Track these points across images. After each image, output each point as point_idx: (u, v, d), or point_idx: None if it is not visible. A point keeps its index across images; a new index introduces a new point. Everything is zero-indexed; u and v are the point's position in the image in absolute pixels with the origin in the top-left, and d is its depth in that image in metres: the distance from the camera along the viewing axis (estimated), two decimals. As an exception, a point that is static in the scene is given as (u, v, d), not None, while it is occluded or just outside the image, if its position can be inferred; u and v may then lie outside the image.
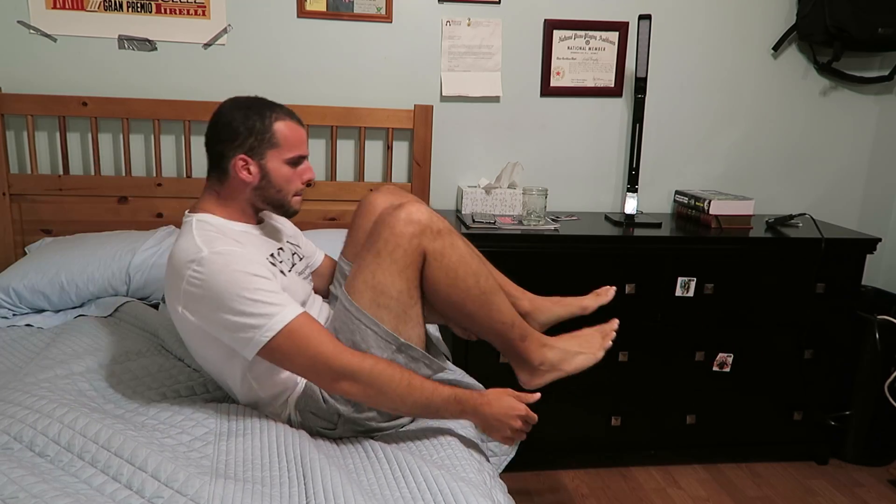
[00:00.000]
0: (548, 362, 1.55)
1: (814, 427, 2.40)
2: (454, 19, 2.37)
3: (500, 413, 1.37)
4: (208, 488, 1.13)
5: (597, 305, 1.73)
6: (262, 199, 1.49)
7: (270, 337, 1.29)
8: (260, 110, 1.45)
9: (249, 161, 1.44)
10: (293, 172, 1.49)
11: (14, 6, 2.18)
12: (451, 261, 1.42)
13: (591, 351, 1.58)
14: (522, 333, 1.53)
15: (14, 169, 2.26)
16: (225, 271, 1.30)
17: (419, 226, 1.39)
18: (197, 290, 1.32)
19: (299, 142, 1.48)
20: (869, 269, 2.49)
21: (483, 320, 1.49)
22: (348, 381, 1.32)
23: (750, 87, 2.58)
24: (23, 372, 1.52)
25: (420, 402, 1.35)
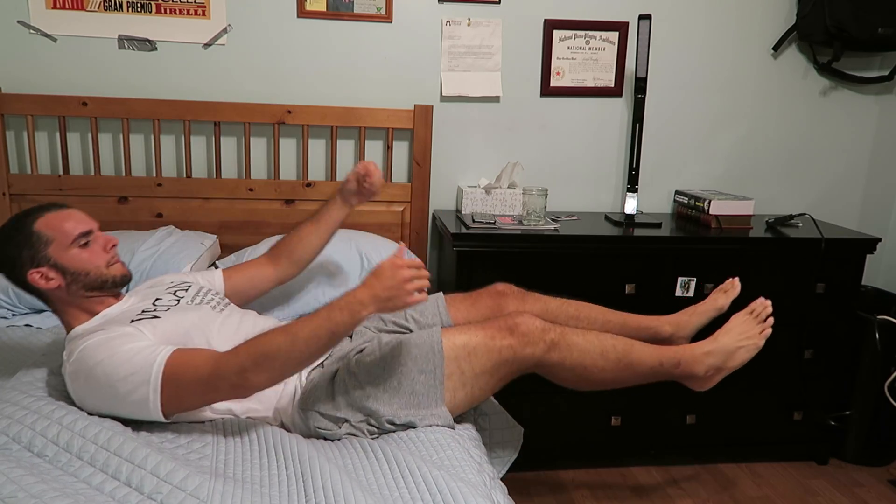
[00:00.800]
0: (712, 368, 1.58)
1: (814, 427, 2.40)
2: (454, 19, 2.37)
3: (383, 281, 1.28)
4: (208, 485, 1.13)
5: (730, 301, 1.78)
6: (84, 290, 1.45)
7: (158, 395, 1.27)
8: (16, 226, 1.43)
9: (41, 270, 1.41)
10: (88, 251, 1.45)
11: (14, 6, 2.18)
12: (572, 361, 1.47)
13: (752, 341, 1.61)
14: (674, 362, 1.56)
15: (14, 169, 2.26)
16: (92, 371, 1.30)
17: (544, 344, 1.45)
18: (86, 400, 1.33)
19: (71, 225, 1.44)
20: (869, 269, 2.50)
21: (632, 378, 1.54)
22: (246, 375, 1.27)
23: (750, 87, 2.58)
24: (21, 372, 1.52)
25: (309, 337, 1.27)
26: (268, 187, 2.32)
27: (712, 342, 1.60)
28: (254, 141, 2.35)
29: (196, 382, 1.28)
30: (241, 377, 1.27)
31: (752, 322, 1.63)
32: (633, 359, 1.51)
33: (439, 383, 1.42)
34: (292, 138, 2.37)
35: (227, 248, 2.27)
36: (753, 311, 1.65)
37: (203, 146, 2.34)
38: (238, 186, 2.30)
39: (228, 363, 1.28)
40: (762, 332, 1.61)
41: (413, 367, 1.41)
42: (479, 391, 1.47)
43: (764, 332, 1.61)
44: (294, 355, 1.28)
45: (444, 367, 1.41)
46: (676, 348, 1.59)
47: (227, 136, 2.34)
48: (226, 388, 1.29)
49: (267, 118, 2.27)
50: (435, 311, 1.68)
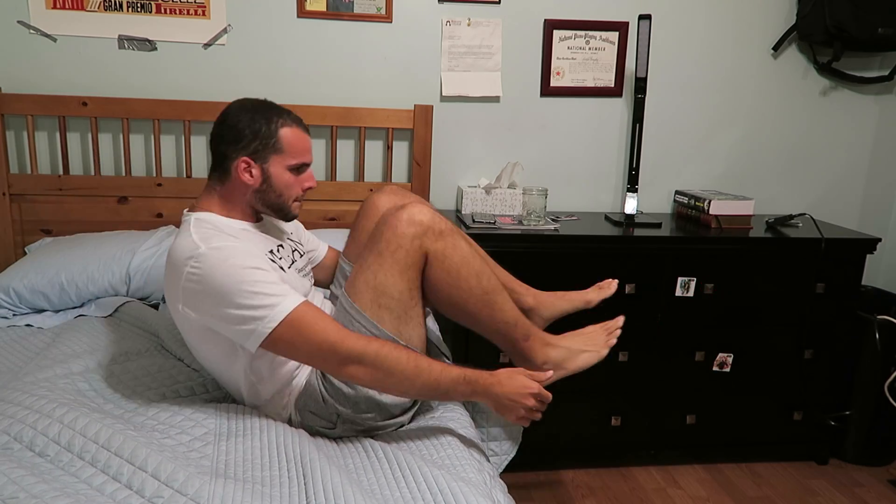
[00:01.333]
0: (551, 361, 1.54)
1: (814, 427, 2.40)
2: (454, 19, 2.37)
3: (512, 392, 1.35)
4: (208, 488, 1.13)
5: (600, 298, 1.73)
6: (261, 203, 1.49)
7: (273, 327, 1.29)
8: (267, 114, 1.44)
9: (252, 164, 1.43)
10: (295, 179, 1.48)
11: (14, 6, 2.18)
12: (452, 261, 1.42)
13: (596, 348, 1.58)
14: (525, 333, 1.52)
15: (14, 169, 2.26)
16: (223, 266, 1.30)
17: (421, 227, 1.40)
18: (196, 286, 1.31)
19: (303, 149, 1.48)
20: (869, 269, 2.49)
21: (485, 320, 1.49)
22: (355, 365, 1.31)
23: (750, 87, 2.58)
24: (22, 372, 1.52)
25: (429, 383, 1.33)
26: (268, 187, 2.32)
27: (560, 338, 1.57)
28: (254, 141, 2.35)
29: (311, 342, 1.30)
30: (354, 363, 1.30)
31: (602, 332, 1.61)
32: (498, 299, 1.47)
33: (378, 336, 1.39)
34: (292, 138, 2.36)
35: (227, 248, 2.27)
36: (607, 324, 1.63)
37: (203, 146, 2.33)
38: (238, 186, 2.30)
39: (354, 345, 1.30)
40: (606, 343, 1.59)
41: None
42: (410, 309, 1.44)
43: (609, 342, 1.59)
44: (403, 385, 1.33)
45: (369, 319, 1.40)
46: (532, 324, 1.57)
47: (227, 136, 2.34)
48: (334, 362, 1.31)
49: (267, 118, 2.27)
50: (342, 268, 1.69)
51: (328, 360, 1.32)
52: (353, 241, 1.70)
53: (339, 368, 1.32)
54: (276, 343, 1.31)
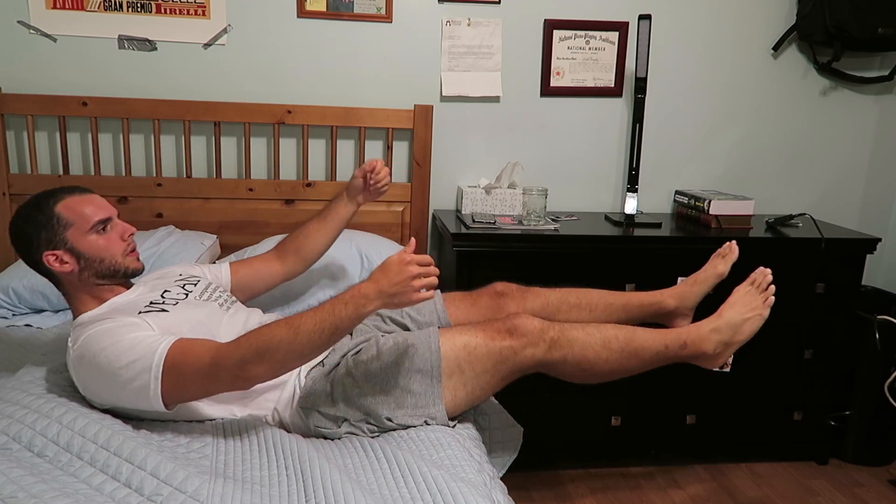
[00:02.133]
0: (721, 343, 1.56)
1: (814, 427, 2.40)
2: (454, 19, 2.37)
3: (390, 276, 1.26)
4: (208, 486, 1.13)
5: (729, 266, 1.78)
6: (96, 277, 1.45)
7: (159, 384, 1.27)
8: (37, 206, 1.42)
9: (56, 253, 1.41)
10: (106, 238, 1.45)
11: (14, 6, 2.18)
12: (574, 356, 1.46)
13: (757, 311, 1.58)
14: (680, 343, 1.54)
15: (14, 169, 2.26)
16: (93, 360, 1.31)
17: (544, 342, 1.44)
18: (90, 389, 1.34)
19: (91, 211, 1.44)
20: (869, 269, 2.49)
21: (639, 365, 1.53)
22: (247, 367, 1.26)
23: (750, 87, 2.58)
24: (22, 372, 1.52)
25: (313, 331, 1.25)
26: (268, 187, 2.32)
27: (717, 318, 1.58)
28: (254, 141, 2.35)
29: (197, 372, 1.28)
30: (242, 368, 1.26)
31: (754, 293, 1.61)
32: (636, 345, 1.50)
33: (436, 383, 1.41)
34: (292, 138, 2.37)
35: (227, 248, 2.27)
36: (754, 281, 1.63)
37: (203, 146, 2.34)
38: (238, 186, 2.30)
39: (230, 354, 1.27)
40: (766, 302, 1.58)
41: (410, 367, 1.41)
42: (479, 391, 1.47)
43: (767, 300, 1.58)
44: (296, 348, 1.26)
45: (440, 367, 1.41)
46: (680, 329, 1.58)
47: (227, 136, 2.34)
48: (227, 378, 1.28)
49: (267, 118, 2.27)
50: (433, 310, 1.68)
51: (223, 379, 1.28)
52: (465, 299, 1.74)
53: (238, 380, 1.28)
54: (171, 392, 1.29)
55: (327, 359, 1.50)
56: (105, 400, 1.34)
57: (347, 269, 2.06)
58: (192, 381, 1.29)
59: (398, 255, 1.28)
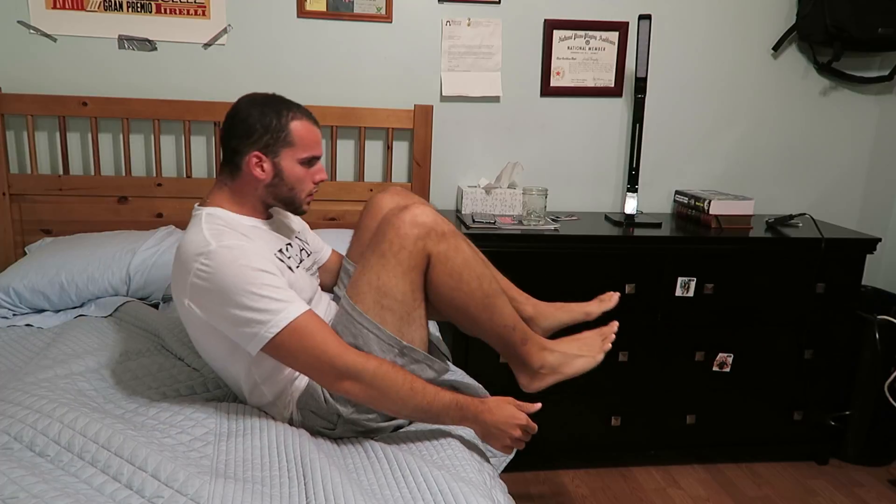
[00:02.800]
0: (548, 366, 1.55)
1: (814, 427, 2.40)
2: (454, 19, 2.37)
3: (500, 422, 1.38)
4: (208, 488, 1.13)
5: (600, 311, 1.73)
6: (273, 197, 1.49)
7: (275, 333, 1.29)
8: (277, 108, 1.44)
9: (263, 158, 1.43)
10: (306, 172, 1.49)
11: (14, 6, 2.18)
12: (455, 264, 1.42)
13: (591, 354, 1.58)
14: (523, 337, 1.53)
15: (14, 169, 2.26)
16: (232, 265, 1.30)
17: (424, 228, 1.40)
18: (204, 284, 1.31)
19: (314, 142, 1.48)
20: (869, 269, 2.49)
21: (485, 323, 1.49)
22: (351, 381, 1.32)
23: (750, 87, 2.58)
24: (22, 372, 1.52)
25: (421, 406, 1.35)
26: (268, 187, 2.32)
27: (557, 343, 1.58)
28: (254, 141, 2.35)
29: (311, 353, 1.30)
30: (349, 380, 1.32)
31: (597, 337, 1.62)
32: (498, 303, 1.48)
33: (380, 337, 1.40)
34: (292, 138, 2.36)
35: (227, 248, 2.27)
36: (602, 330, 1.64)
37: (203, 146, 2.34)
38: (238, 186, 2.30)
39: (352, 362, 1.31)
40: (601, 348, 1.59)
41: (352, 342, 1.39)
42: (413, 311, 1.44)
43: (604, 346, 1.60)
44: (396, 406, 1.35)
45: (371, 321, 1.40)
46: (530, 330, 1.57)
47: (227, 136, 2.34)
48: (330, 376, 1.32)
49: (267, 118, 2.27)
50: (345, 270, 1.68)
51: (325, 372, 1.32)
52: (356, 241, 1.70)
53: (335, 382, 1.33)
54: (276, 349, 1.32)
55: None
56: (199, 303, 1.33)
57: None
58: (302, 356, 1.31)
59: (519, 415, 1.40)
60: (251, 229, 1.45)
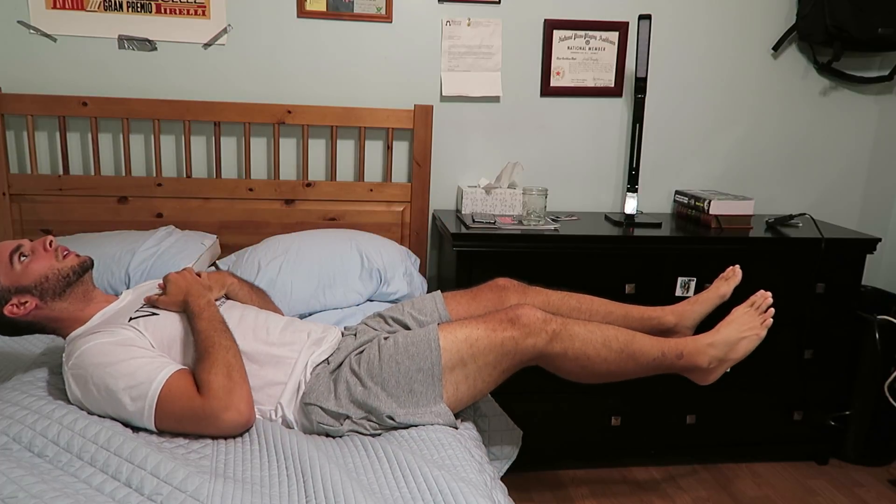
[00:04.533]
0: (715, 359, 1.58)
1: (814, 427, 2.40)
2: (454, 19, 2.37)
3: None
4: (208, 485, 1.13)
5: (731, 288, 1.79)
6: (59, 298, 1.45)
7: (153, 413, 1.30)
8: None
9: (10, 301, 1.41)
10: (33, 260, 1.43)
11: (14, 6, 2.18)
12: (575, 351, 1.46)
13: (754, 331, 1.61)
14: (676, 353, 1.55)
15: (14, 169, 2.26)
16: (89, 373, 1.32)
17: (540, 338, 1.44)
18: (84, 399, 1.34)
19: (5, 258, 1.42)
20: (869, 269, 2.50)
21: (636, 371, 1.53)
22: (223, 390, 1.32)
23: (750, 87, 2.58)
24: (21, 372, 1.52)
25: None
26: (268, 187, 2.32)
27: (715, 333, 1.60)
28: (254, 141, 2.35)
29: (188, 410, 1.30)
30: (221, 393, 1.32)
31: (753, 313, 1.63)
32: (635, 349, 1.50)
33: (437, 380, 1.41)
34: (292, 138, 2.37)
35: (227, 248, 2.27)
36: (754, 303, 1.65)
37: (203, 146, 2.34)
38: (238, 186, 2.30)
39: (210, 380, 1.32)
40: (763, 323, 1.61)
41: (411, 365, 1.41)
42: (482, 384, 1.47)
43: (765, 322, 1.61)
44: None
45: (441, 364, 1.41)
46: (679, 340, 1.59)
47: (227, 136, 2.34)
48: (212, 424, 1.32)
49: (267, 118, 2.27)
50: (433, 309, 1.68)
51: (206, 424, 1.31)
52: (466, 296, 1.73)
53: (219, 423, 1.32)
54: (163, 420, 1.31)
55: (332, 357, 1.50)
56: (101, 411, 1.34)
57: (347, 269, 2.06)
58: (181, 417, 1.31)
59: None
60: (99, 324, 1.45)
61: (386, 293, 2.09)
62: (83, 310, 1.48)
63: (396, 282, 2.10)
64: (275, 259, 2.04)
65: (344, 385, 1.43)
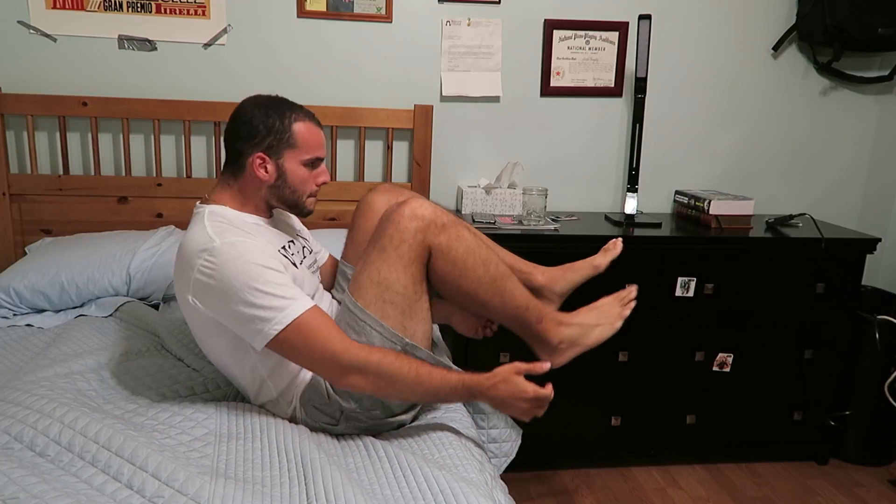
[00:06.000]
0: (566, 340, 1.55)
1: (814, 427, 2.40)
2: (454, 19, 2.37)
3: (507, 396, 1.36)
4: (209, 487, 1.13)
5: (608, 261, 1.75)
6: (276, 198, 1.49)
7: (280, 329, 1.29)
8: (280, 110, 1.45)
9: (267, 160, 1.44)
10: (309, 174, 1.49)
11: (14, 6, 2.18)
12: (458, 253, 1.43)
13: (609, 321, 1.58)
14: (538, 315, 1.53)
15: (14, 169, 2.26)
16: (236, 262, 1.30)
17: (423, 221, 1.40)
18: (208, 280, 1.32)
19: (317, 144, 1.48)
20: (869, 269, 2.49)
21: (497, 307, 1.50)
22: (356, 375, 1.32)
23: (750, 87, 2.58)
24: (23, 372, 1.52)
25: (429, 391, 1.35)
26: (268, 187, 2.32)
27: (574, 315, 1.58)
28: (254, 141, 2.35)
29: (315, 349, 1.31)
30: (355, 374, 1.32)
31: (615, 304, 1.62)
32: (507, 285, 1.48)
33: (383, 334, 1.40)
34: (292, 138, 2.36)
35: (228, 248, 2.27)
36: (619, 295, 1.63)
37: (203, 146, 2.34)
38: (238, 186, 2.30)
39: (356, 356, 1.31)
40: (620, 315, 1.59)
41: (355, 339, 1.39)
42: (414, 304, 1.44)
43: (622, 314, 1.59)
44: (404, 393, 1.36)
45: (373, 317, 1.40)
46: (545, 305, 1.57)
47: (227, 136, 2.34)
48: (335, 371, 1.32)
49: (267, 118, 2.27)
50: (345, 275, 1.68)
51: (330, 368, 1.33)
52: (350, 242, 1.70)
53: (341, 377, 1.33)
54: (281, 345, 1.32)
55: None
56: (212, 308, 1.33)
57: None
58: (307, 352, 1.31)
59: (525, 389, 1.34)
60: (254, 227, 1.45)
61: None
62: (258, 210, 1.49)
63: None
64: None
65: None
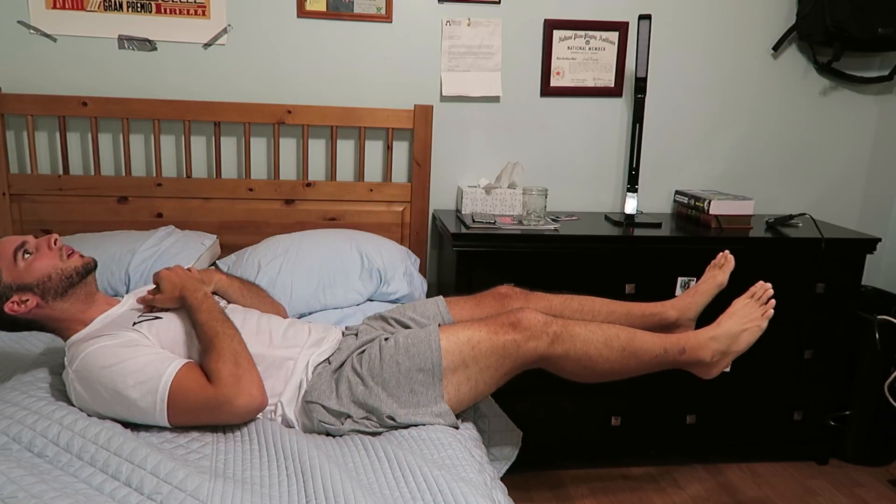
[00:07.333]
0: (718, 352, 1.58)
1: (814, 427, 2.40)
2: (454, 19, 2.37)
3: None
4: (207, 485, 1.13)
5: (727, 275, 1.80)
6: (60, 296, 1.44)
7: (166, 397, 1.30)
8: None
9: (12, 299, 1.40)
10: (36, 258, 1.42)
11: (14, 6, 2.18)
12: (577, 352, 1.46)
13: (755, 323, 1.61)
14: (679, 349, 1.55)
15: (14, 169, 2.26)
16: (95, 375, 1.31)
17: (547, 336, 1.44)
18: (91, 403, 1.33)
19: (4, 249, 1.41)
20: (869, 269, 2.49)
21: (639, 368, 1.54)
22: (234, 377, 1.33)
23: (750, 87, 2.58)
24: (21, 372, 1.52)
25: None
26: (268, 187, 2.32)
27: (716, 327, 1.60)
28: (254, 141, 2.35)
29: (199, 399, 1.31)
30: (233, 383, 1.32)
31: (753, 305, 1.63)
32: (637, 346, 1.51)
33: (437, 381, 1.42)
34: (292, 138, 2.37)
35: (227, 248, 2.27)
36: (754, 294, 1.65)
37: (203, 146, 2.34)
38: (238, 186, 2.30)
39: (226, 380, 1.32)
40: (764, 314, 1.61)
41: (411, 366, 1.42)
42: (483, 385, 1.47)
43: (766, 313, 1.61)
44: None
45: (441, 365, 1.42)
46: (680, 335, 1.59)
47: (227, 136, 2.34)
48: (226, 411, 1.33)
49: (267, 118, 2.27)
50: (436, 312, 1.68)
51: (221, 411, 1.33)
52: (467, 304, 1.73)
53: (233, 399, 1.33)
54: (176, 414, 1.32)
55: (333, 356, 1.50)
56: (111, 412, 1.34)
57: (347, 269, 2.06)
58: (195, 408, 1.32)
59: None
60: (102, 326, 1.44)
61: (386, 293, 2.09)
62: (84, 311, 1.47)
63: (396, 282, 2.10)
64: (275, 259, 2.04)
65: (346, 384, 1.43)
